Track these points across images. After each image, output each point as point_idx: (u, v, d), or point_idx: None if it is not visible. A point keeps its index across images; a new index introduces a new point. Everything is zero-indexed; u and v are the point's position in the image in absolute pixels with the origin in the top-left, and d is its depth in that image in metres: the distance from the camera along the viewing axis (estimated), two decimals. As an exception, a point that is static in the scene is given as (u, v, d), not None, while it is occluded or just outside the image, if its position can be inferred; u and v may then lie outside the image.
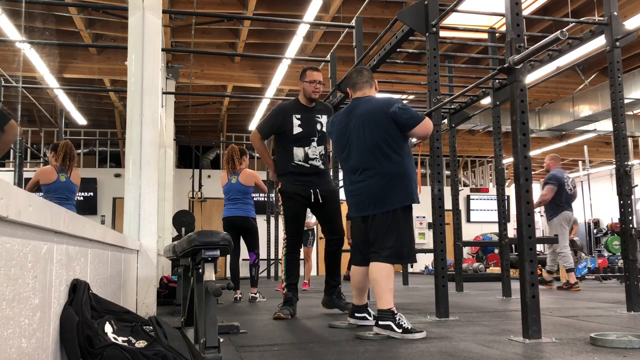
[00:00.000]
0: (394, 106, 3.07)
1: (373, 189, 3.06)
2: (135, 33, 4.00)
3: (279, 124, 4.02)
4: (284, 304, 3.87)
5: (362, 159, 3.11)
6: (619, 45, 4.17)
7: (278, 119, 4.03)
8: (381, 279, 2.94)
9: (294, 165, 3.95)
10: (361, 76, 3.29)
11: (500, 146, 5.64)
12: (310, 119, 4.02)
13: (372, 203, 3.06)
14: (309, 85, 4.01)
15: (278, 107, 4.20)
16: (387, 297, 2.91)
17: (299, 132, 3.97)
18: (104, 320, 1.63)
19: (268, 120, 4.12)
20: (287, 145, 3.99)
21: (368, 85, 3.27)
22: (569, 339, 2.72)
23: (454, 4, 3.91)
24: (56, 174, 5.06)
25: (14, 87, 7.99)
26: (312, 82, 4.00)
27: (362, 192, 3.11)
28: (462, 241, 6.77)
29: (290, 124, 3.96)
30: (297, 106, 4.07)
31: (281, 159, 4.04)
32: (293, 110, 4.03)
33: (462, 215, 14.37)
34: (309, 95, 4.03)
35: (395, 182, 3.02)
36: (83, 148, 14.00)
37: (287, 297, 3.91)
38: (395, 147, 3.06)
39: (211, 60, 9.94)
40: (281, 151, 4.05)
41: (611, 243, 11.29)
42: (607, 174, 16.29)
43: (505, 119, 4.99)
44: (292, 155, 3.96)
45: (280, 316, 3.72)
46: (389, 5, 8.05)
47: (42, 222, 1.24)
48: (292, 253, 4.00)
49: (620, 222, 4.11)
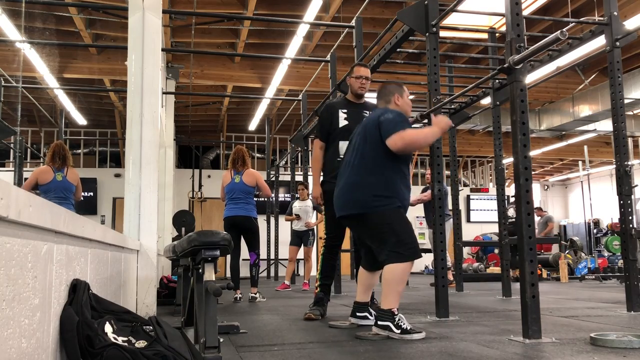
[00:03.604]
0: (384, 115, 3.06)
1: (350, 192, 3.10)
2: (135, 33, 4.00)
3: (327, 121, 3.95)
4: (315, 304, 3.82)
5: (352, 159, 3.16)
6: (619, 45, 4.17)
7: (326, 115, 3.98)
8: (393, 280, 2.92)
9: (339, 160, 3.81)
10: (381, 91, 3.33)
11: (500, 146, 5.64)
12: (358, 114, 3.93)
13: (349, 205, 3.09)
14: (355, 81, 3.95)
15: (325, 105, 4.14)
16: (392, 299, 2.91)
17: (344, 125, 3.88)
18: (104, 320, 1.63)
19: (319, 124, 4.05)
20: (333, 141, 3.92)
21: (383, 101, 3.28)
22: (569, 339, 2.72)
23: (454, 4, 3.91)
24: (52, 174, 5.07)
25: (14, 87, 8.00)
26: (359, 78, 3.94)
27: (341, 192, 3.15)
28: (462, 241, 6.77)
29: (337, 118, 3.91)
30: (344, 102, 4.04)
31: (328, 158, 3.94)
32: (340, 105, 3.99)
33: (462, 215, 14.39)
34: (355, 91, 3.98)
35: (366, 191, 3.02)
36: (83, 148, 14.01)
37: (318, 297, 3.87)
38: (374, 158, 3.04)
39: (211, 60, 9.95)
40: (328, 150, 3.95)
41: (611, 243, 11.29)
42: (607, 174, 16.29)
43: (505, 119, 4.99)
44: (338, 149, 3.86)
45: (311, 317, 3.67)
46: (389, 5, 8.05)
47: (42, 222, 1.24)
48: (330, 254, 3.94)
49: (620, 222, 4.11)
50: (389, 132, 2.98)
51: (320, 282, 3.94)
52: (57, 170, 5.10)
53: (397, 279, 2.92)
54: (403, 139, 2.96)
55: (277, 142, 14.49)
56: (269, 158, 11.39)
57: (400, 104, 3.23)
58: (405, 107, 3.26)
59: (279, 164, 12.26)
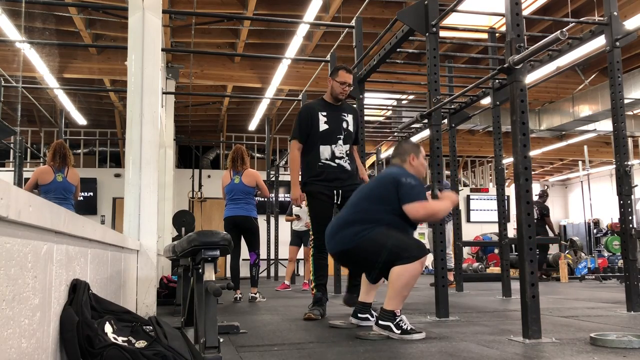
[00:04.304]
0: (406, 178, 3.07)
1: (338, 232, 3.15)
2: (135, 33, 4.00)
3: (306, 122, 3.93)
4: (314, 305, 3.82)
5: (349, 208, 3.20)
6: (619, 45, 4.17)
7: (305, 117, 3.96)
8: (399, 283, 2.89)
9: (321, 165, 3.87)
10: (398, 147, 3.36)
11: (500, 146, 5.64)
12: (337, 117, 3.96)
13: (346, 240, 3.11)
14: (338, 86, 3.95)
15: (303, 107, 4.12)
16: (396, 302, 2.90)
17: (325, 129, 3.90)
18: (104, 320, 1.63)
19: (297, 123, 4.02)
20: (313, 145, 3.91)
21: (399, 159, 3.29)
22: (569, 339, 2.72)
23: (454, 4, 3.91)
24: (53, 174, 5.07)
25: (14, 87, 8.00)
26: (343, 84, 3.94)
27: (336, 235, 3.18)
28: (462, 241, 6.77)
29: (317, 121, 3.91)
30: (322, 104, 4.02)
31: (308, 161, 3.94)
32: (319, 107, 3.97)
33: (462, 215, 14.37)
34: (336, 95, 3.98)
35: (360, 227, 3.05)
36: (83, 148, 14.01)
37: (316, 298, 3.86)
38: (377, 209, 3.06)
39: (211, 60, 9.94)
40: (307, 153, 3.94)
41: (611, 243, 11.29)
42: (607, 174, 16.29)
43: (505, 119, 4.99)
44: (319, 154, 3.88)
45: (311, 317, 3.67)
46: (389, 5, 8.05)
47: (42, 222, 1.24)
48: (320, 253, 3.93)
49: (620, 222, 4.11)
50: (411, 199, 3.01)
51: (315, 282, 3.93)
52: (57, 171, 5.10)
53: (404, 282, 2.89)
54: (426, 209, 3.04)
55: (277, 142, 14.49)
56: (269, 158, 11.39)
57: (415, 165, 3.26)
58: (420, 168, 3.29)
59: (279, 164, 12.26)
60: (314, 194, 3.90)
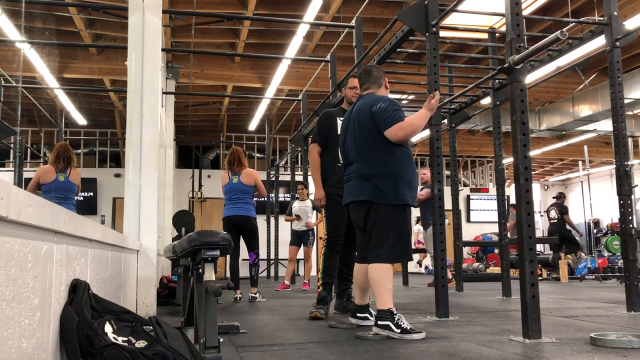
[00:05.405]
0: (376, 105, 3.06)
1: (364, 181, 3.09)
2: (135, 33, 4.00)
3: (325, 127, 4.14)
4: (319, 303, 3.88)
5: (354, 155, 3.16)
6: (619, 45, 4.17)
7: (324, 123, 4.17)
8: (380, 279, 2.94)
9: (340, 166, 3.93)
10: (367, 75, 3.32)
11: (500, 146, 5.64)
12: None
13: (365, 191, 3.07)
14: (349, 91, 4.18)
15: (323, 113, 4.33)
16: (386, 297, 2.92)
17: None
18: (104, 320, 1.63)
19: (316, 129, 4.24)
20: (331, 149, 4.08)
21: (375, 84, 3.28)
22: (569, 339, 2.72)
23: (454, 4, 3.91)
24: (55, 174, 5.07)
25: (14, 87, 8.00)
26: (353, 88, 4.12)
27: (353, 184, 3.15)
28: (462, 241, 6.77)
29: (335, 126, 4.09)
30: (340, 111, 4.22)
31: (328, 164, 4.10)
32: (337, 114, 4.19)
33: (462, 215, 14.38)
34: (349, 100, 4.16)
35: (380, 182, 3.01)
36: (83, 148, 14.00)
37: (321, 296, 3.93)
38: (380, 146, 3.04)
39: (211, 60, 9.94)
40: (325, 156, 4.12)
41: (611, 243, 11.28)
42: (607, 174, 16.28)
43: (505, 119, 4.99)
44: (338, 156, 3.97)
45: (317, 315, 3.71)
46: (389, 5, 8.05)
47: (42, 222, 1.24)
48: (331, 253, 4.05)
49: (620, 222, 4.11)
50: (386, 124, 3.00)
51: (322, 280, 4.01)
52: (59, 171, 5.10)
53: (384, 277, 2.94)
54: (403, 129, 3.00)
55: (277, 142, 14.49)
56: (269, 158, 11.39)
57: (387, 85, 3.31)
58: (388, 86, 3.35)
59: (279, 164, 12.26)
60: (331, 195, 4.03)
